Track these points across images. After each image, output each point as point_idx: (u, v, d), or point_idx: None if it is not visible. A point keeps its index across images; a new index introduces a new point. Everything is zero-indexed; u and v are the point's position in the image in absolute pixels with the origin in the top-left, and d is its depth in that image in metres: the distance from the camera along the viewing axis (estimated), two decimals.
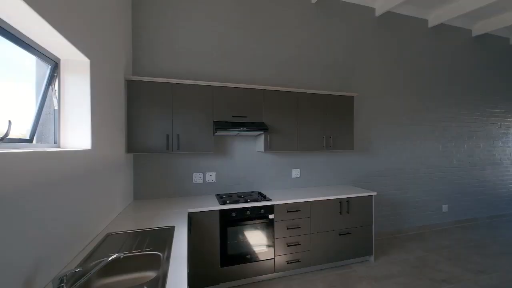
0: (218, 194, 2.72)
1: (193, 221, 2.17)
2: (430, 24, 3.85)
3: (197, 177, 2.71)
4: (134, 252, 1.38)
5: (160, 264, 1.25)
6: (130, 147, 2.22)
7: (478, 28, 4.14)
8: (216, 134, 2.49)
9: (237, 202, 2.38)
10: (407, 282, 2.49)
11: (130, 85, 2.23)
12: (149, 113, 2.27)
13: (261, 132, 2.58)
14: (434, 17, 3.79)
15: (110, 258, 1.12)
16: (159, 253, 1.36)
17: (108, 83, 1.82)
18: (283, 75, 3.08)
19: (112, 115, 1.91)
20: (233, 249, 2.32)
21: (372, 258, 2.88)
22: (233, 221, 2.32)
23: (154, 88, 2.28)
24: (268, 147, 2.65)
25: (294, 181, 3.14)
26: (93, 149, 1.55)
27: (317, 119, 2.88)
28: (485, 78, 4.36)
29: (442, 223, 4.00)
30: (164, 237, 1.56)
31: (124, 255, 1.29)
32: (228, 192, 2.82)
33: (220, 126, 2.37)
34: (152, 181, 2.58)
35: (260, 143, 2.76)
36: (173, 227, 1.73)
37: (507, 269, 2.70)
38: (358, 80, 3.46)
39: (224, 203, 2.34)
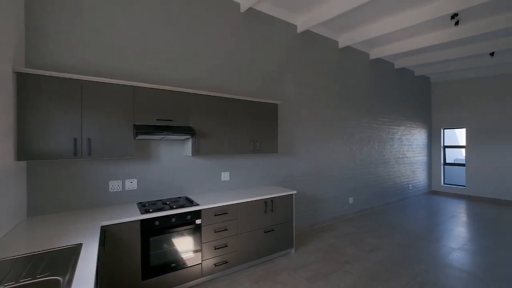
0: (140, 203, 2.53)
1: (108, 234, 1.96)
2: (340, 46, 4.56)
3: (115, 185, 2.46)
4: (23, 282, 1.16)
5: None
6: (22, 154, 1.83)
7: (374, 53, 5.13)
8: (138, 138, 2.32)
9: (161, 209, 2.27)
10: (320, 267, 2.88)
11: (23, 79, 1.84)
12: (50, 113, 1.92)
13: (189, 136, 2.54)
14: (343, 40, 4.50)
15: None
16: (58, 277, 1.19)
17: None
18: (212, 79, 3.10)
19: None
20: (156, 260, 2.20)
21: (293, 250, 3.21)
22: (156, 230, 2.20)
23: (57, 85, 1.94)
24: (196, 151, 2.63)
25: (224, 184, 3.21)
26: None
27: (245, 124, 3.02)
28: (378, 93, 5.44)
29: (349, 213, 4.79)
30: (66, 258, 1.36)
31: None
32: (152, 200, 2.65)
33: (142, 129, 2.21)
34: (54, 193, 2.19)
35: (188, 147, 2.71)
36: (80, 244, 1.53)
37: (389, 246, 3.45)
38: (283, 89, 3.79)
39: (147, 211, 2.20)
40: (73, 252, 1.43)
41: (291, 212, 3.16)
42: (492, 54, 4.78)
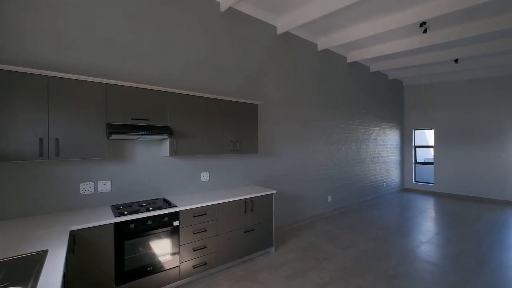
0: (114, 205, 2.43)
1: (78, 240, 1.86)
2: (319, 48, 4.68)
3: (86, 188, 2.33)
4: None
5: None
6: None
7: (350, 57, 5.33)
8: (111, 138, 2.23)
9: (137, 212, 2.19)
10: (299, 264, 2.94)
11: None
12: (12, 112, 1.79)
13: (166, 136, 2.47)
14: (321, 43, 4.63)
15: None
16: (19, 287, 1.11)
17: None
18: (191, 79, 3.05)
19: None
20: (131, 264, 2.12)
21: (273, 249, 3.25)
22: (131, 233, 2.13)
23: (20, 80, 1.81)
24: (174, 152, 2.57)
25: (203, 184, 3.17)
26: None
27: (225, 124, 3.00)
28: (355, 95, 5.66)
29: (327, 211, 4.93)
30: (29, 266, 1.27)
31: None
32: (127, 202, 2.55)
33: (116, 129, 2.13)
34: (17, 197, 2.04)
35: (165, 147, 2.64)
36: (45, 251, 1.44)
37: (364, 242, 3.60)
38: (263, 90, 3.82)
39: (121, 214, 2.11)
40: (37, 260, 1.34)
41: (271, 212, 3.20)
42: (456, 60, 5.16)
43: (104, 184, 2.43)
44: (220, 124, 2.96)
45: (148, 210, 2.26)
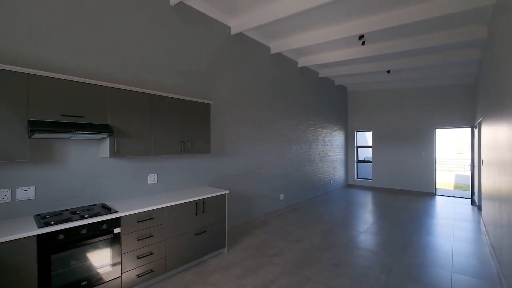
0: (39, 215, 2.10)
1: None
2: (272, 52, 4.85)
3: (0, 196, 1.97)
4: None
5: None
6: None
7: (301, 62, 5.65)
8: (34, 137, 1.93)
9: (68, 220, 1.94)
10: (250, 262, 2.98)
11: None
12: None
13: (105, 136, 2.25)
14: (274, 46, 4.80)
15: None
16: None
17: None
18: (136, 74, 2.84)
19: None
20: (60, 280, 1.87)
21: (225, 249, 3.23)
22: (60, 245, 1.87)
23: None
24: (115, 152, 2.36)
25: (151, 187, 2.97)
26: None
27: (174, 123, 2.87)
28: (306, 98, 6.02)
29: (280, 209, 5.12)
30: None
31: None
32: (57, 210, 2.24)
33: (40, 127, 1.85)
34: None
35: (105, 148, 2.39)
36: None
37: (312, 235, 3.85)
38: (217, 89, 3.78)
39: (47, 224, 1.84)
40: None
41: (224, 212, 3.18)
42: (388, 71, 5.91)
43: (26, 190, 2.08)
44: (169, 123, 2.82)
45: (82, 217, 2.02)
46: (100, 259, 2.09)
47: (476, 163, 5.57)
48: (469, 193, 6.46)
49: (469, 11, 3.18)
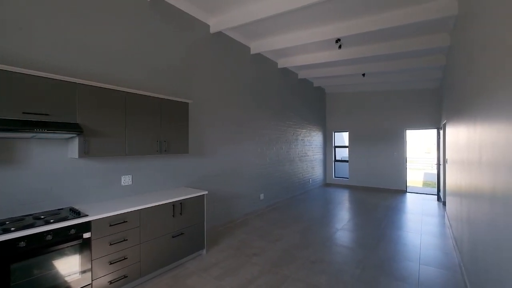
0: None
1: None
2: (252, 52, 4.85)
3: None
4: None
5: None
6: None
7: (281, 63, 5.72)
8: None
9: (30, 226, 1.80)
10: (230, 263, 2.96)
11: None
12: None
13: (74, 135, 2.12)
14: (254, 47, 4.82)
15: None
16: None
17: None
18: (108, 71, 2.70)
19: None
20: None
21: (204, 251, 3.18)
22: (22, 253, 1.73)
23: None
24: (85, 153, 2.23)
25: (125, 189, 2.85)
26: None
27: (150, 122, 2.78)
28: (285, 99, 6.11)
29: (260, 209, 5.15)
30: None
31: None
32: (18, 216, 2.07)
33: None
34: None
35: (74, 148, 2.25)
36: None
37: (291, 234, 3.91)
38: (196, 88, 3.71)
39: (5, 231, 1.69)
40: None
41: (203, 213, 3.13)
42: (363, 74, 6.17)
43: None
44: (145, 122, 2.72)
45: (47, 223, 1.88)
46: (68, 266, 1.96)
47: (441, 162, 6.00)
48: (435, 190, 6.93)
49: (435, 20, 3.42)
